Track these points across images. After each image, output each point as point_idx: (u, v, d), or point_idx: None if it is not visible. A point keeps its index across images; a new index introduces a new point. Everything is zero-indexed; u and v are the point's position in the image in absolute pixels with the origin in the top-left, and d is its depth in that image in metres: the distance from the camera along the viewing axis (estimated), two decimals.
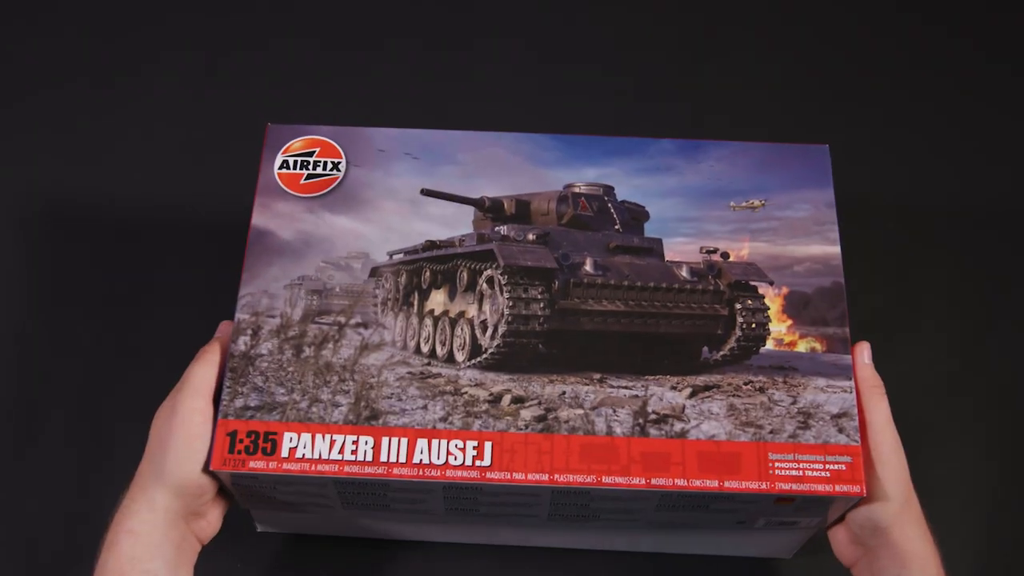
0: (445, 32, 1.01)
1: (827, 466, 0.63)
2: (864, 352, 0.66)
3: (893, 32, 1.07)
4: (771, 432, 0.64)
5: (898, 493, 0.62)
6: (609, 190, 0.74)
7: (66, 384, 0.84)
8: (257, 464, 0.62)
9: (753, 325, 0.72)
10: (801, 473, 0.63)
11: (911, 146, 1.00)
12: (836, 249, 0.70)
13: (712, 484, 0.63)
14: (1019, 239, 0.95)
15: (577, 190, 0.75)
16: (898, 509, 0.62)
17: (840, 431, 0.64)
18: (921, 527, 0.63)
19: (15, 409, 0.83)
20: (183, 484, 0.61)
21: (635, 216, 0.75)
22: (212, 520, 0.65)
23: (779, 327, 0.70)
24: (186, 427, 0.61)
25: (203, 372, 0.63)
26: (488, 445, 0.64)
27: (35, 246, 0.92)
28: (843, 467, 0.63)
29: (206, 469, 0.61)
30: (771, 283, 0.71)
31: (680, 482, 0.63)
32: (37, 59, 1.02)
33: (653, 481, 0.63)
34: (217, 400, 0.64)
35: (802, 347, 0.69)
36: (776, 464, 0.63)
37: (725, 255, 0.72)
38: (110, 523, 0.61)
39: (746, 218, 0.72)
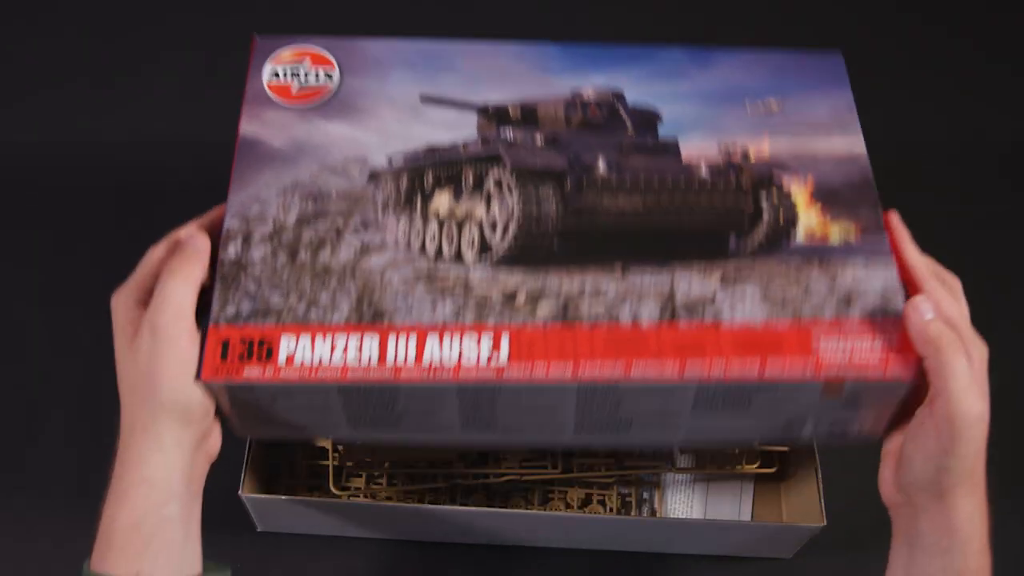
0: None
1: (875, 345, 0.57)
2: (924, 308, 0.56)
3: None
4: (813, 313, 0.59)
5: (962, 467, 0.54)
6: (619, 95, 0.71)
7: (66, 384, 0.85)
8: (252, 372, 0.56)
9: (780, 216, 0.67)
10: (848, 356, 0.57)
11: (912, 146, 1.01)
12: (861, 145, 0.66)
13: (752, 372, 0.56)
14: (1019, 239, 0.95)
15: (586, 94, 0.71)
16: (956, 480, 0.55)
17: (887, 307, 0.59)
18: (976, 502, 0.56)
19: (15, 409, 0.84)
20: (191, 412, 0.55)
21: (647, 119, 0.71)
22: (216, 434, 0.59)
23: (808, 215, 0.66)
24: (179, 356, 0.54)
25: (182, 289, 0.55)
26: (505, 338, 0.58)
27: (35, 245, 0.94)
28: (895, 347, 0.57)
29: (207, 390, 0.56)
30: (796, 172, 0.67)
31: (717, 369, 0.57)
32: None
33: (688, 368, 0.57)
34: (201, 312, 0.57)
35: (835, 236, 0.64)
36: (821, 346, 0.57)
37: (745, 152, 0.69)
38: (111, 475, 0.55)
39: (763, 118, 0.69)
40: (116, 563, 0.55)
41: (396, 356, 0.57)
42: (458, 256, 0.66)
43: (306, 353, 0.57)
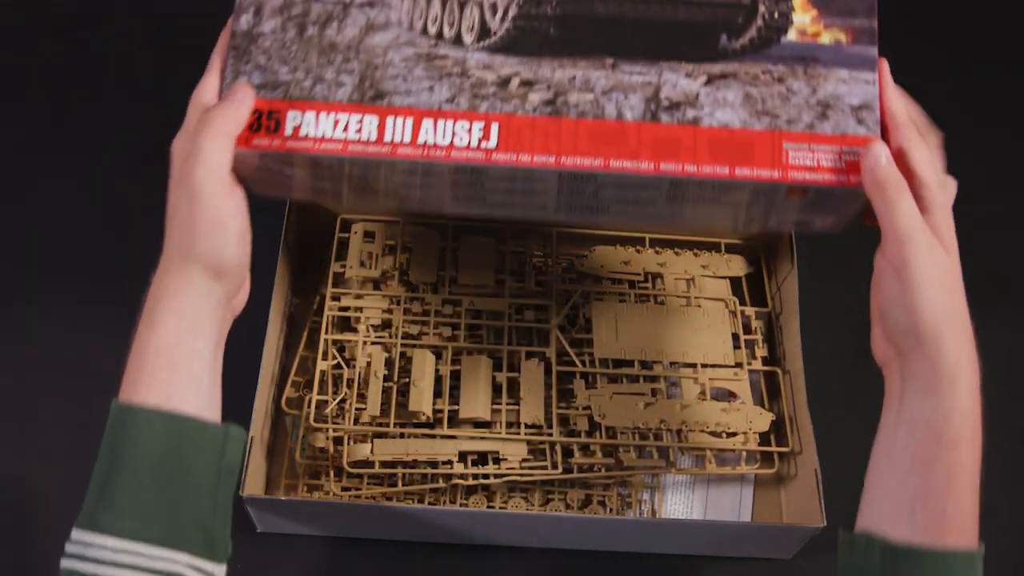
0: None
1: (843, 156, 0.60)
2: (877, 153, 0.58)
3: None
4: (787, 121, 0.62)
5: (932, 307, 0.55)
6: None
7: (66, 384, 0.85)
8: (261, 142, 0.60)
9: (776, 15, 0.67)
10: (816, 162, 0.60)
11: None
12: None
13: (723, 171, 0.60)
14: (1020, 238, 0.95)
15: None
16: (932, 321, 0.55)
17: (859, 123, 0.61)
18: (959, 341, 0.56)
19: (15, 409, 0.84)
20: (223, 266, 0.58)
21: None
22: (245, 291, 0.63)
23: (803, 16, 0.66)
24: (210, 213, 0.56)
25: (216, 149, 0.57)
26: (495, 126, 0.62)
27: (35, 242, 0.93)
28: (857, 158, 0.60)
29: (242, 250, 0.59)
30: None
31: (690, 168, 0.61)
32: None
33: (662, 166, 0.61)
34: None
35: (826, 38, 0.65)
36: (790, 153, 0.61)
37: None
38: (144, 303, 0.58)
39: None
40: (147, 386, 0.56)
41: (393, 135, 0.61)
42: (458, 39, 0.67)
43: (310, 127, 0.61)
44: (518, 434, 0.77)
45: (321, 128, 0.61)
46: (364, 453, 0.76)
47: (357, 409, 0.77)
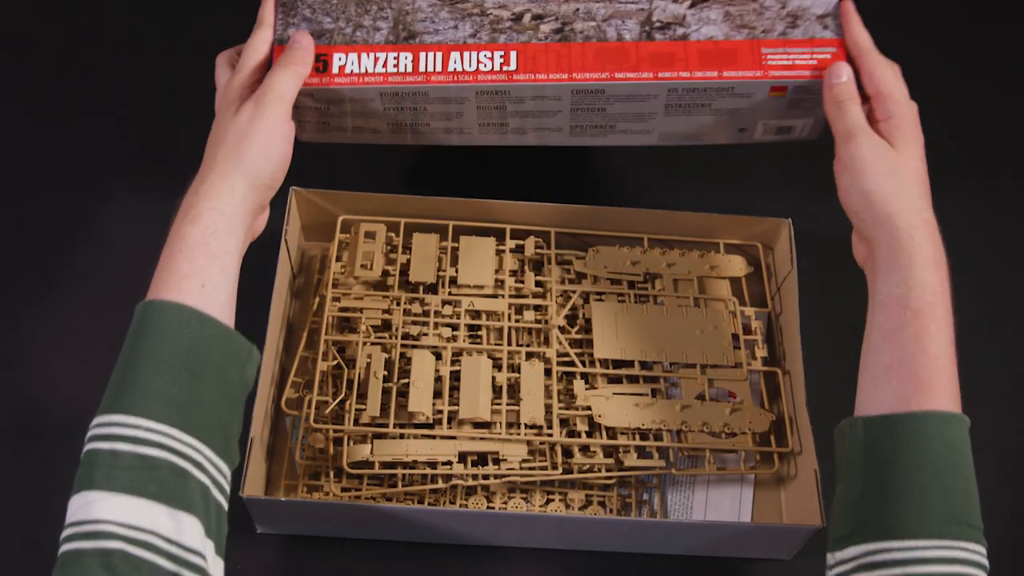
0: None
1: (814, 56, 0.72)
2: (838, 72, 0.70)
3: None
4: (763, 32, 0.74)
5: (882, 191, 0.64)
6: None
7: (66, 384, 0.85)
8: (312, 80, 0.72)
9: None
10: (791, 62, 0.72)
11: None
12: None
13: (712, 75, 0.72)
14: (1020, 238, 0.96)
15: None
16: (887, 204, 0.64)
17: (825, 28, 0.74)
18: (914, 220, 0.63)
19: (15, 409, 0.84)
20: (262, 179, 0.67)
21: None
22: (264, 217, 0.72)
23: None
24: (271, 128, 0.67)
25: (288, 79, 0.69)
26: (513, 54, 0.73)
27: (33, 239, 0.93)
28: (828, 56, 0.72)
29: (282, 172, 0.68)
30: None
31: (684, 74, 0.72)
32: None
33: (660, 75, 0.72)
34: None
35: None
36: (768, 56, 0.73)
37: None
38: (185, 202, 0.64)
39: None
40: (183, 274, 0.61)
41: (426, 66, 0.73)
42: None
43: (354, 66, 0.73)
44: (518, 435, 0.77)
45: (364, 65, 0.73)
46: (364, 454, 0.76)
47: (357, 410, 0.77)
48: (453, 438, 0.77)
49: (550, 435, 0.77)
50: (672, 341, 0.82)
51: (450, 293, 0.83)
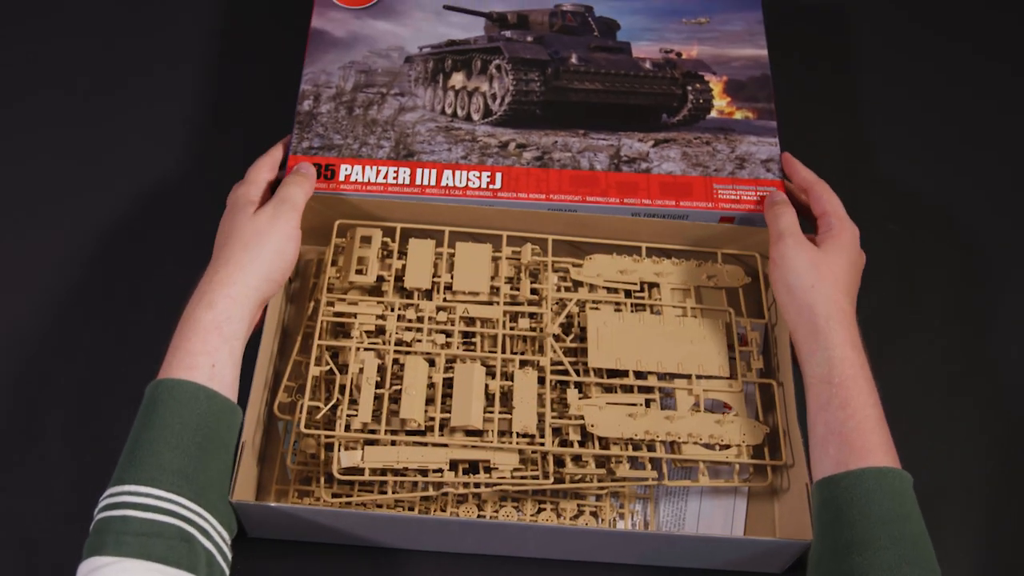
0: None
1: (758, 192, 0.85)
2: (775, 198, 0.83)
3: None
4: (715, 170, 0.87)
5: (799, 279, 0.74)
6: (589, 8, 0.97)
7: (66, 384, 0.86)
8: (321, 185, 0.83)
9: (700, 101, 0.92)
10: (739, 196, 0.85)
11: (915, 142, 1.03)
12: (764, 51, 0.94)
13: (670, 203, 0.84)
14: (1019, 238, 0.98)
15: (565, 7, 0.97)
16: (801, 291, 0.74)
17: (768, 171, 0.87)
18: (830, 307, 0.72)
19: (15, 409, 0.84)
20: (273, 274, 0.74)
21: (609, 26, 0.97)
22: (262, 311, 0.78)
23: (720, 103, 0.92)
24: (286, 231, 0.75)
25: (300, 193, 0.79)
26: (499, 175, 0.85)
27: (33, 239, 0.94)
28: (769, 194, 0.84)
29: (288, 273, 0.77)
30: (714, 73, 0.93)
31: (646, 201, 0.84)
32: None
33: (625, 200, 0.84)
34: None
35: (738, 116, 0.91)
36: (719, 191, 0.85)
37: (679, 54, 0.94)
38: (199, 289, 0.71)
39: (695, 30, 0.95)
40: (195, 353, 0.67)
41: (422, 180, 0.85)
42: (468, 117, 0.91)
43: (358, 175, 0.84)
44: (510, 443, 0.76)
45: (367, 175, 0.84)
46: (355, 460, 0.75)
47: (349, 415, 0.76)
48: (445, 446, 0.76)
49: (542, 444, 0.77)
50: (667, 351, 0.82)
51: (445, 299, 0.82)
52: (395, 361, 0.79)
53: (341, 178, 0.83)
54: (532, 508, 0.80)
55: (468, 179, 0.84)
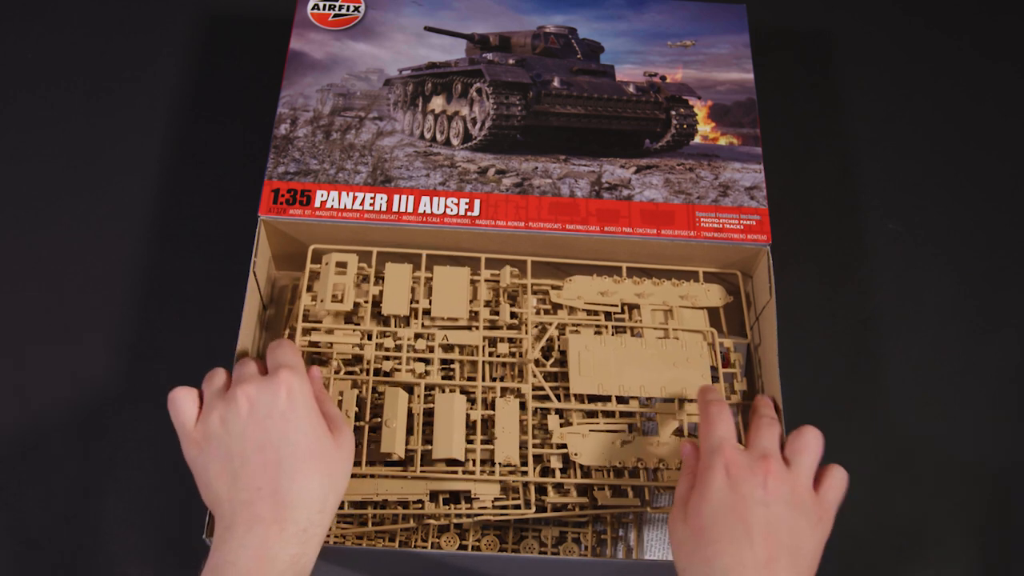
0: None
1: (741, 221, 0.82)
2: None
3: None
4: (698, 198, 0.84)
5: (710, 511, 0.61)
6: (573, 30, 0.95)
7: (66, 383, 0.86)
8: (296, 212, 0.80)
9: (684, 126, 0.91)
10: (721, 225, 0.82)
11: (917, 137, 1.05)
12: (750, 75, 0.91)
13: (652, 231, 0.82)
14: (1020, 237, 0.99)
15: (548, 29, 0.95)
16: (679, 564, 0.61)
17: (752, 199, 0.84)
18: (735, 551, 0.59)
19: (15, 409, 0.85)
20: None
21: (593, 49, 0.95)
22: None
23: (705, 128, 0.90)
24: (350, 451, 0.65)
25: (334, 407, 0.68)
26: (477, 202, 0.82)
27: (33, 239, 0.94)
28: (753, 223, 0.83)
29: None
30: (699, 97, 0.91)
31: (627, 229, 0.82)
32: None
33: (606, 228, 0.82)
34: None
35: (723, 141, 0.89)
36: (702, 220, 0.82)
37: (663, 77, 0.92)
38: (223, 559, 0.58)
39: (680, 53, 0.93)
40: None
41: (399, 207, 0.82)
42: (447, 142, 0.89)
43: (334, 202, 0.81)
44: (492, 474, 0.75)
45: (343, 202, 0.81)
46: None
47: None
48: (426, 478, 0.75)
49: (524, 473, 0.75)
50: (650, 375, 0.79)
51: (423, 325, 0.81)
52: (374, 389, 0.77)
53: (317, 204, 0.81)
54: (514, 536, 0.78)
55: (446, 206, 0.82)
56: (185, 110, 1.00)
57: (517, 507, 0.76)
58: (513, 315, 0.83)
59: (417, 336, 0.80)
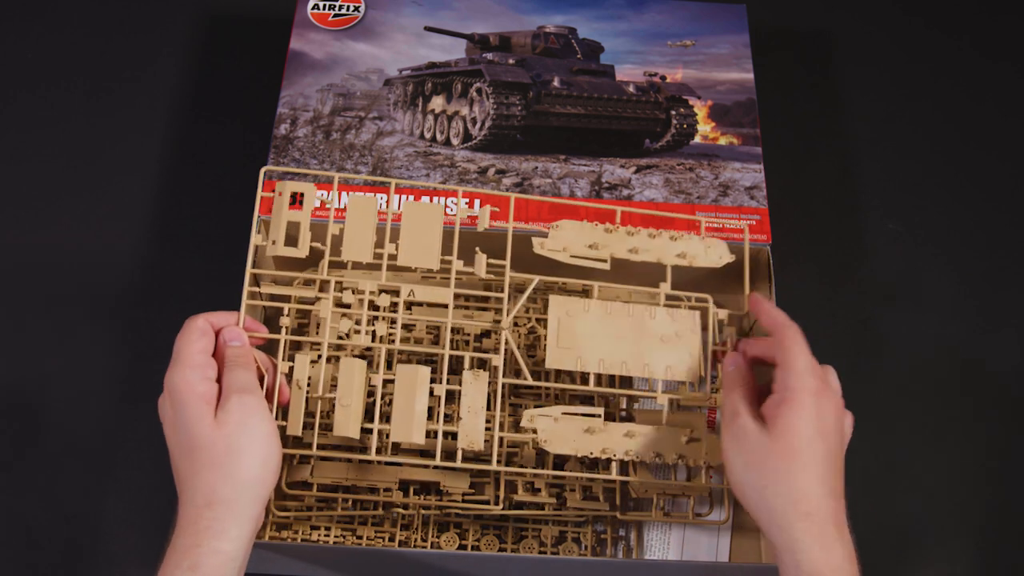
0: None
1: (742, 221, 0.82)
2: (730, 359, 0.70)
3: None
4: (698, 197, 0.84)
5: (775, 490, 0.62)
6: (573, 30, 0.95)
7: (66, 384, 0.87)
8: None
9: (684, 126, 0.90)
10: (722, 225, 0.82)
11: (917, 137, 1.04)
12: (750, 75, 0.91)
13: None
14: (1020, 236, 0.98)
15: (548, 29, 0.95)
16: (756, 484, 0.62)
17: (752, 198, 0.84)
18: (806, 531, 0.60)
19: (15, 409, 0.85)
20: (264, 494, 0.62)
21: (593, 49, 0.94)
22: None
23: (705, 128, 0.90)
24: (265, 437, 0.62)
25: (249, 375, 0.65)
26: (477, 201, 0.82)
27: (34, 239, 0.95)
28: (753, 222, 0.82)
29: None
30: (699, 97, 0.91)
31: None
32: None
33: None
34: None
35: (723, 141, 0.89)
36: (702, 219, 0.78)
37: (663, 77, 0.92)
38: (182, 545, 0.59)
39: (680, 53, 0.93)
40: None
41: (399, 206, 0.79)
42: (447, 142, 0.88)
43: (334, 202, 0.72)
44: (456, 464, 0.69)
45: (343, 202, 0.79)
46: (304, 475, 0.72)
47: (280, 426, 0.66)
48: (396, 464, 0.73)
49: (488, 464, 0.70)
50: (635, 350, 0.72)
51: (387, 279, 0.71)
52: (329, 359, 0.72)
53: (316, 204, 0.73)
54: (514, 536, 0.77)
55: (446, 204, 0.81)
56: (185, 110, 1.01)
57: (485, 502, 0.74)
58: (490, 268, 0.73)
59: (381, 291, 0.72)
